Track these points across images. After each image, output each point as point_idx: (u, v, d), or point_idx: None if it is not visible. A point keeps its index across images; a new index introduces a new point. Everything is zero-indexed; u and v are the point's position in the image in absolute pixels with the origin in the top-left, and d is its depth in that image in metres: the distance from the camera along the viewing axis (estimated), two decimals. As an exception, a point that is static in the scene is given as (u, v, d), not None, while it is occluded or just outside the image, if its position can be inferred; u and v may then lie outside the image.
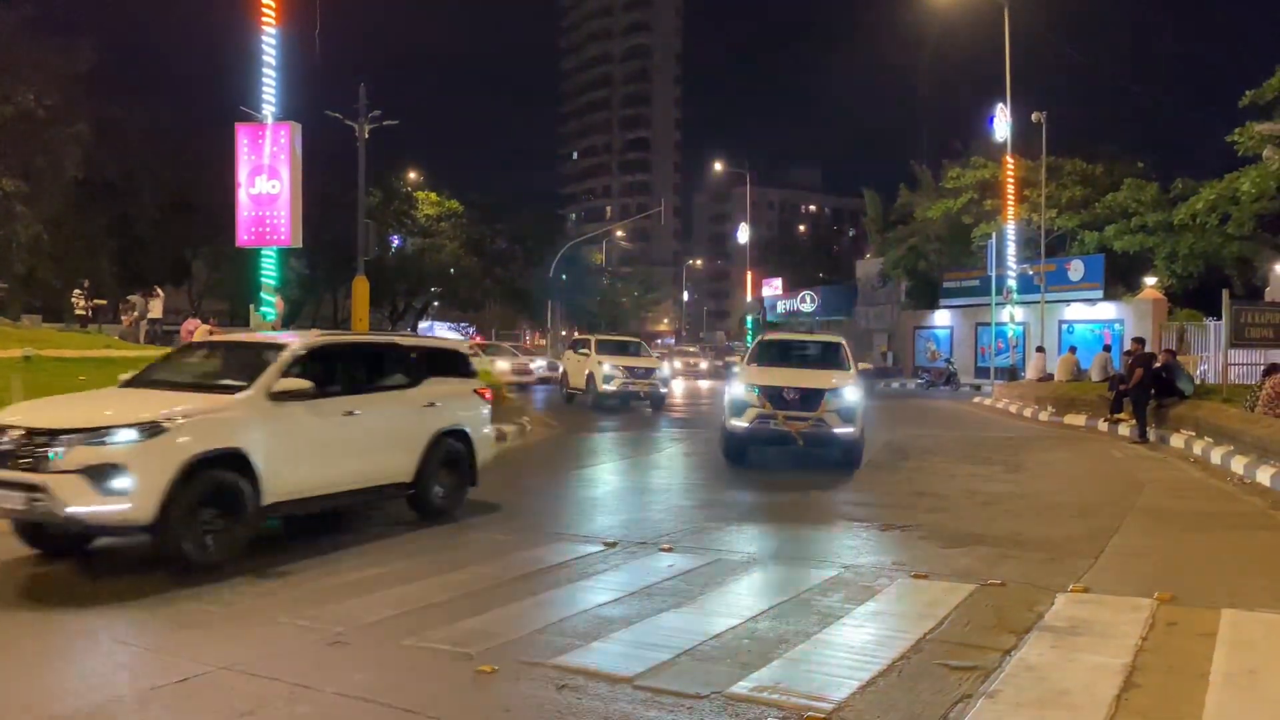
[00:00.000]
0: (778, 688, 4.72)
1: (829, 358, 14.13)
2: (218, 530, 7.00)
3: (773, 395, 12.50)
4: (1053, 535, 8.72)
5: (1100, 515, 9.79)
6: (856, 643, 5.48)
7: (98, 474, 6.44)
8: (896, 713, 4.44)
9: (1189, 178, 36.53)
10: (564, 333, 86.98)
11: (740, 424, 12.65)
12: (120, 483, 6.46)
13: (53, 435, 6.57)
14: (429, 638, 5.48)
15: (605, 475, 12.87)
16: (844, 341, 14.49)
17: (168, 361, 8.88)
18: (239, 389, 7.53)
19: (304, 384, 7.72)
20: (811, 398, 12.45)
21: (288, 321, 36.10)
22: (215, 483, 6.97)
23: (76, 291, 28.13)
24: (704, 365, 48.42)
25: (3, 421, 6.84)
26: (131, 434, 6.62)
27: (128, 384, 8.25)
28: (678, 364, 47.05)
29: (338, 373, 8.42)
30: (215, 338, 11.79)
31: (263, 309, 16.01)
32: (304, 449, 7.75)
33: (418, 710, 4.44)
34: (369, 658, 5.17)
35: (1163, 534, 8.94)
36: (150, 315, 26.14)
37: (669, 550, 7.92)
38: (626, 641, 5.50)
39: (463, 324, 73.73)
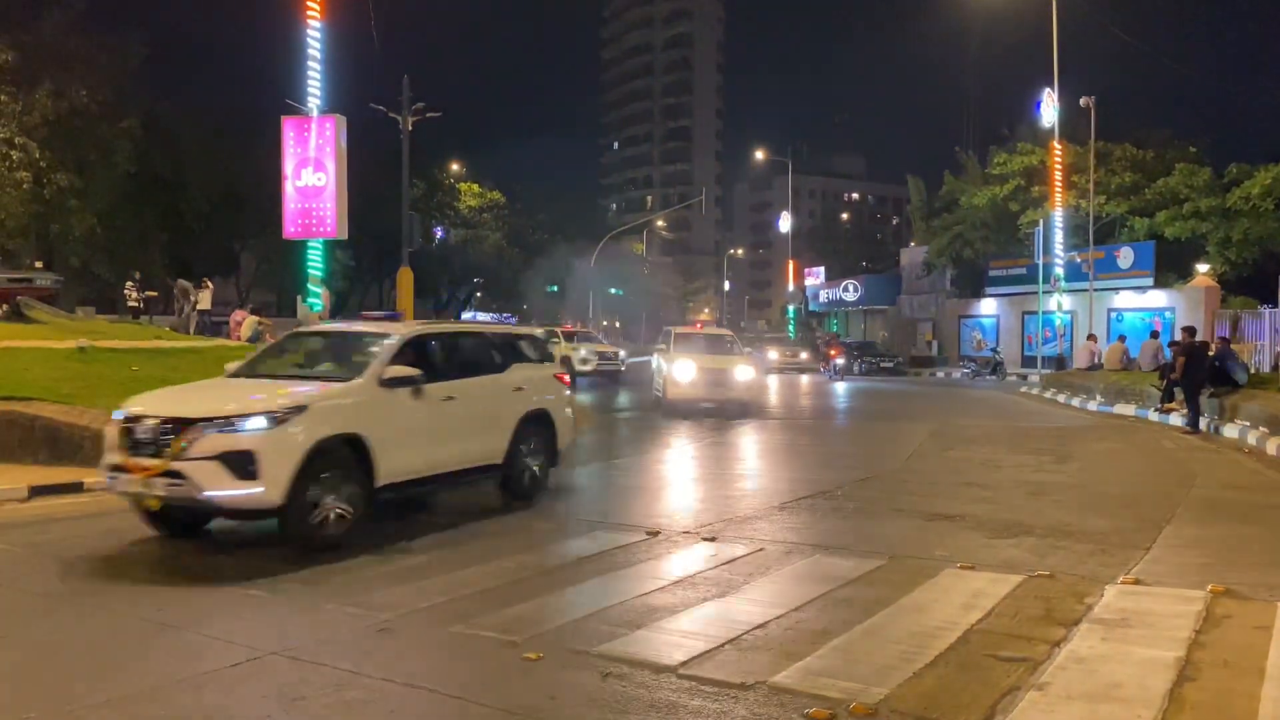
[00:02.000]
0: (823, 678, 4.70)
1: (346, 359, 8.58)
2: None
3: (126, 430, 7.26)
4: (1102, 526, 8.58)
5: (1151, 506, 9.63)
6: (902, 633, 5.44)
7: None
8: (944, 704, 4.40)
9: (1243, 162, 35.65)
10: (604, 322, 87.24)
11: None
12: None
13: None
14: (475, 625, 5.54)
15: (651, 466, 12.89)
16: (397, 333, 8.69)
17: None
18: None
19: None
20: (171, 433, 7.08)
21: (334, 312, 36.56)
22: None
23: (128, 284, 28.66)
24: (805, 356, 44.08)
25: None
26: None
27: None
28: (773, 355, 44.70)
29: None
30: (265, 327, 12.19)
31: (309, 300, 16.22)
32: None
33: (464, 696, 4.48)
34: (416, 644, 5.24)
35: (1216, 525, 8.77)
36: (200, 306, 26.51)
37: (712, 540, 7.92)
38: (670, 630, 5.51)
39: (505, 314, 74.25)
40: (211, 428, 7.01)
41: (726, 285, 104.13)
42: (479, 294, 73.21)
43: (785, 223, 66.14)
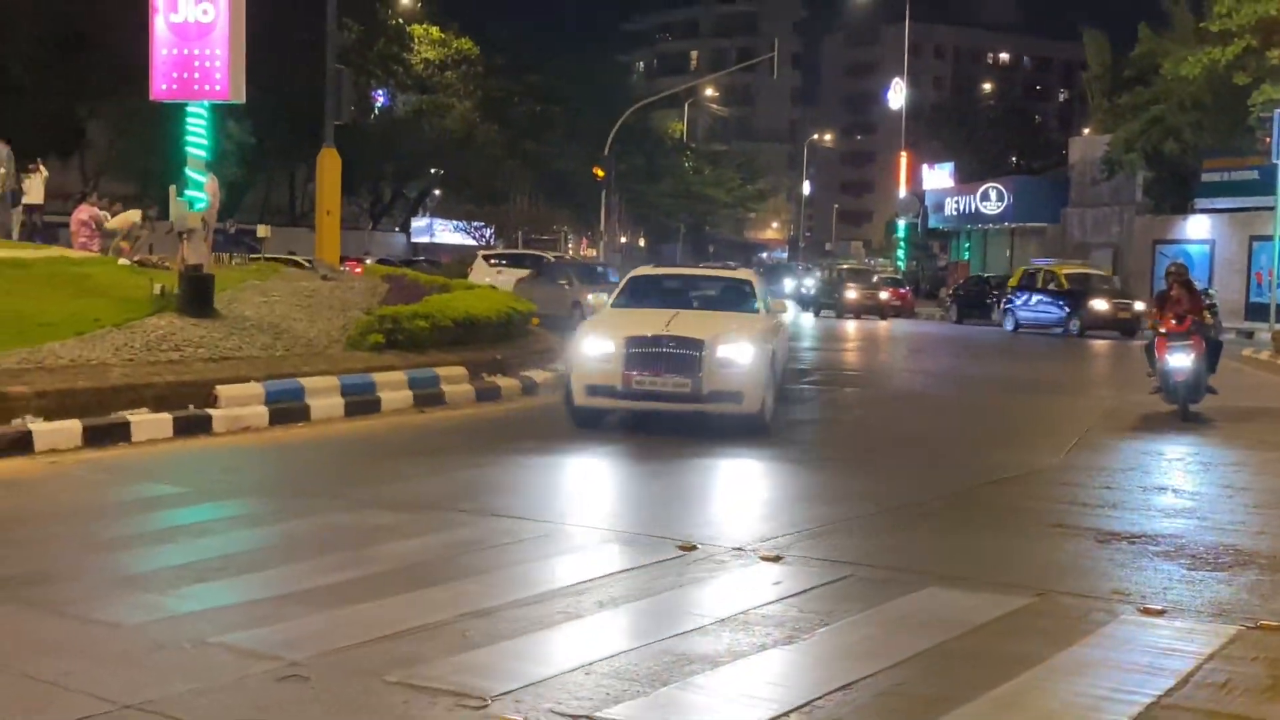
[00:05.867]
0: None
1: None
2: None
3: None
4: (1360, 557, 8.55)
5: None
6: (1056, 705, 5.44)
7: None
8: (1114, 810, 4.41)
9: None
10: (623, 239, 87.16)
11: None
12: None
13: None
14: (422, 673, 5.58)
15: (687, 453, 12.92)
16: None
17: None
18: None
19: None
20: None
21: (227, 212, 36.64)
22: None
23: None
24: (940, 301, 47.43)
25: None
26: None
27: None
28: (854, 294, 45.22)
29: None
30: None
31: (188, 193, 16.14)
32: None
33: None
34: (328, 698, 5.30)
35: None
36: (28, 199, 26.61)
37: (775, 560, 7.96)
38: (713, 690, 5.54)
39: (476, 223, 74.17)
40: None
41: (807, 187, 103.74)
42: (437, 191, 73.13)
43: (897, 95, 65.60)
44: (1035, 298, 38.45)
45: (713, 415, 13.30)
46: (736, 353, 13.18)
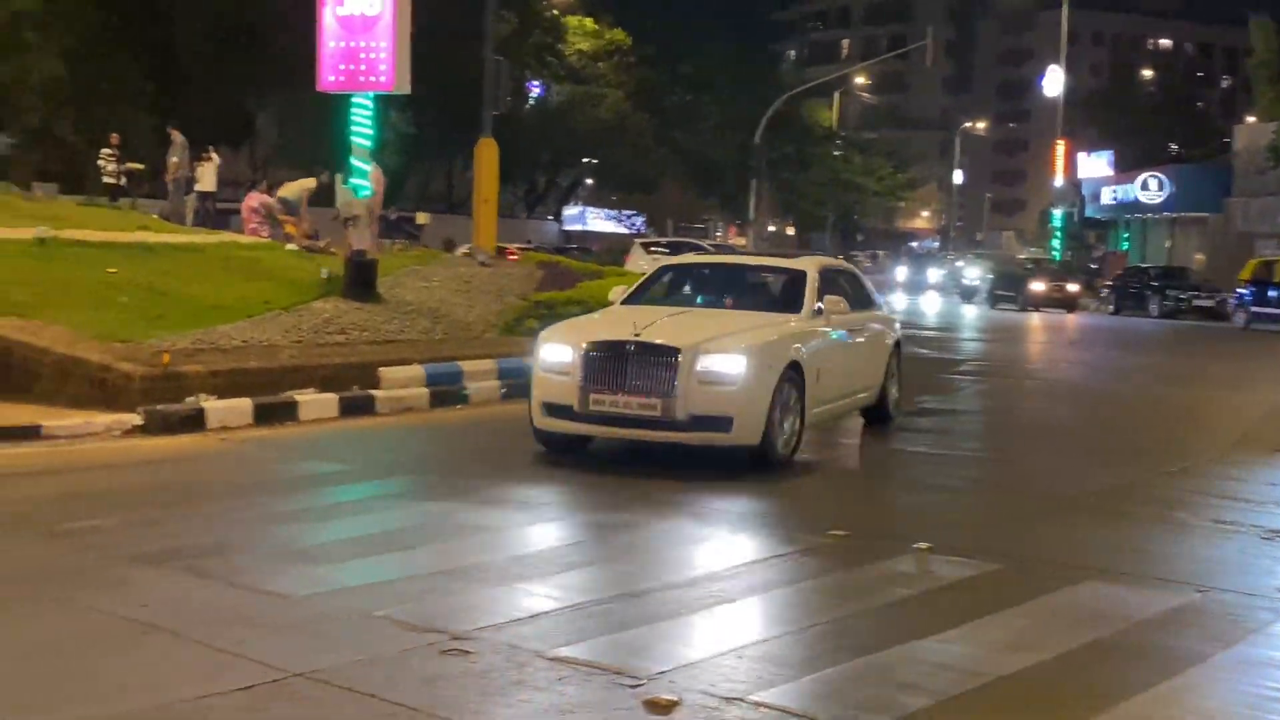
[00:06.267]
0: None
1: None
2: None
3: None
4: None
5: None
6: (1217, 704, 5.34)
7: None
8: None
9: None
10: (771, 227, 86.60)
11: None
12: None
13: None
14: (574, 652, 5.66)
15: (826, 438, 12.86)
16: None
17: None
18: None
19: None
20: None
21: (388, 200, 37.31)
22: None
23: (104, 152, 29.63)
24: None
25: None
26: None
27: None
28: (1041, 286, 44.98)
29: None
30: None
31: (353, 180, 16.49)
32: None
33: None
34: (491, 673, 5.38)
35: None
36: (201, 187, 27.42)
37: (928, 550, 7.91)
38: (858, 677, 5.52)
39: (627, 212, 74.45)
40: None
41: (959, 176, 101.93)
42: (589, 180, 73.63)
43: (1054, 83, 63.99)
44: (1273, 292, 36.18)
45: (696, 448, 10.42)
46: (725, 364, 10.08)
